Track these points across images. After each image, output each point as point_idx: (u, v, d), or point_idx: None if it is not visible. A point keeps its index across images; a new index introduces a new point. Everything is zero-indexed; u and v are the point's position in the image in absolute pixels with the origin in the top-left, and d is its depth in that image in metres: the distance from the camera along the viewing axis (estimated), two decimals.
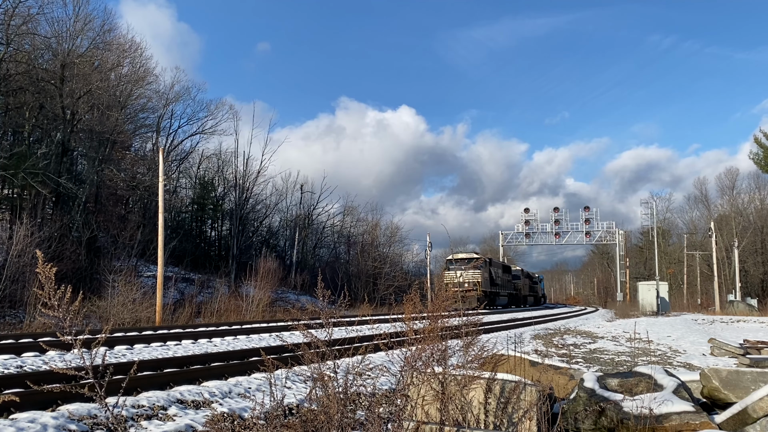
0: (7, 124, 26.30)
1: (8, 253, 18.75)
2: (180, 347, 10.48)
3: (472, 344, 4.61)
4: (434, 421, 4.12)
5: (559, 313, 40.05)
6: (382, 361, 4.59)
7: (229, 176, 41.81)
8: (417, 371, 4.13)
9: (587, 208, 62.17)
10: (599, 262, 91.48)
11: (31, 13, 24.73)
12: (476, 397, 4.37)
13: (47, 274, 2.69)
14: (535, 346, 12.31)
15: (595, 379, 5.18)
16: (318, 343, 3.78)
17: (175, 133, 40.07)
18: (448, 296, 4.29)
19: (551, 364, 7.93)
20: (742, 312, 41.41)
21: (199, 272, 34.31)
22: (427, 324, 4.32)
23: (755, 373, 5.12)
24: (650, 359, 10.64)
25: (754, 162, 56.18)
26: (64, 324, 2.72)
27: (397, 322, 4.42)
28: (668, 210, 74.44)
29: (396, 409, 3.89)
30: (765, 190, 64.03)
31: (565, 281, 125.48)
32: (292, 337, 10.26)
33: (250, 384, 6.73)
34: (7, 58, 24.12)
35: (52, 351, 4.09)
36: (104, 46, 29.98)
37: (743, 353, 10.92)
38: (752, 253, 60.90)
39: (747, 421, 4.41)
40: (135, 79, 32.75)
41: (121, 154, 33.21)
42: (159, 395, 5.71)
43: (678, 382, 4.96)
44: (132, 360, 8.26)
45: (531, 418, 4.24)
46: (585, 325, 23.64)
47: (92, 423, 4.77)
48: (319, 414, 3.64)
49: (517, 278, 51.80)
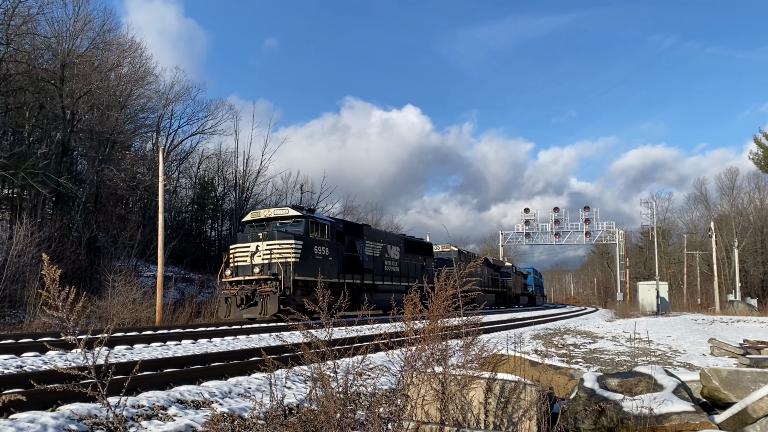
0: (7, 124, 26.31)
1: (8, 253, 18.77)
2: (180, 347, 10.47)
3: (472, 344, 4.61)
4: (434, 420, 4.13)
5: (559, 313, 40.04)
6: (382, 361, 4.59)
7: (229, 176, 41.86)
8: (417, 371, 4.14)
9: (587, 208, 62.24)
10: (599, 262, 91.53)
11: (31, 13, 24.75)
12: (476, 397, 4.38)
13: (52, 275, 2.69)
14: (535, 346, 12.31)
15: (595, 379, 5.18)
16: (318, 343, 3.79)
17: (175, 133, 40.13)
18: (447, 296, 4.29)
19: (551, 364, 7.94)
20: (742, 312, 41.42)
21: (199, 272, 34.33)
22: (427, 324, 4.32)
23: (755, 373, 5.12)
24: (650, 359, 10.65)
25: (754, 162, 56.28)
26: (68, 324, 2.73)
27: (397, 322, 4.43)
28: (668, 210, 74.54)
29: (396, 409, 3.89)
30: (765, 190, 64.09)
31: (565, 281, 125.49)
32: (292, 337, 10.26)
33: (250, 384, 6.73)
34: (7, 58, 24.12)
35: (53, 351, 4.11)
36: (104, 46, 30.00)
37: (743, 353, 10.92)
38: (752, 253, 60.93)
39: (747, 421, 4.41)
40: (135, 79, 32.77)
41: (121, 154, 33.22)
42: (159, 395, 5.71)
43: (678, 382, 4.96)
44: (132, 360, 8.27)
45: (531, 417, 4.25)
46: (585, 325, 23.64)
47: (92, 423, 4.77)
48: (319, 414, 3.64)
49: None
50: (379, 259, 24.83)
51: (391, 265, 25.93)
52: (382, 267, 24.90)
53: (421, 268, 27.98)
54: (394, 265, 26.13)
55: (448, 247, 36.72)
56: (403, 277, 26.27)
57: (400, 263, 26.70)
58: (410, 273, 26.82)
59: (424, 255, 29.70)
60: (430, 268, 28.56)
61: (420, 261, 28.76)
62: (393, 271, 25.87)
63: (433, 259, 30.69)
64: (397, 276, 26.06)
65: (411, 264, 27.61)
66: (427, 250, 30.64)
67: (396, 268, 26.21)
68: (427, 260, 29.56)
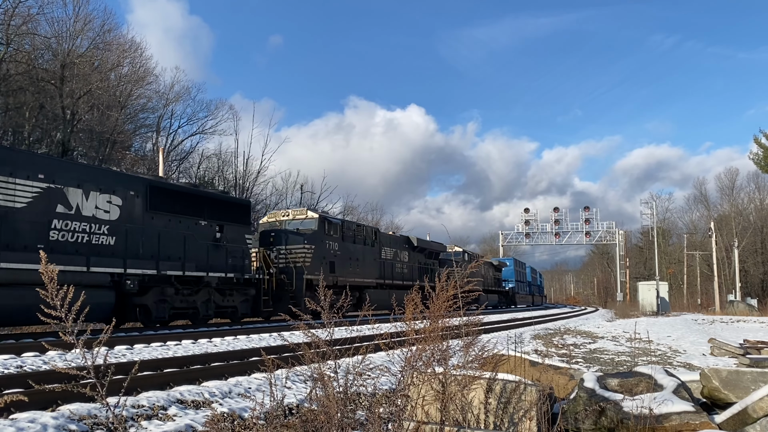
0: (7, 124, 26.30)
1: None
2: (180, 347, 10.48)
3: (472, 344, 4.61)
4: (434, 421, 4.12)
5: (559, 313, 40.04)
6: (383, 361, 4.59)
7: (229, 176, 41.85)
8: (417, 371, 4.13)
9: (587, 208, 62.28)
10: (599, 262, 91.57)
11: (31, 13, 24.79)
12: (477, 397, 4.37)
13: (50, 274, 2.69)
14: (535, 346, 12.31)
15: (595, 379, 5.18)
16: (319, 343, 3.78)
17: (175, 133, 40.13)
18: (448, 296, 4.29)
19: (551, 364, 7.94)
20: (742, 312, 41.41)
21: None
22: (428, 324, 4.32)
23: (755, 373, 5.12)
24: (650, 359, 10.65)
25: (754, 162, 56.27)
26: (67, 324, 2.73)
27: (397, 322, 4.42)
28: (668, 210, 74.57)
29: (396, 409, 3.89)
30: (765, 190, 64.10)
31: (565, 281, 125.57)
32: (293, 337, 10.26)
33: (250, 384, 6.73)
34: (7, 58, 24.13)
35: (53, 351, 4.11)
36: (104, 46, 30.03)
37: (743, 353, 10.91)
38: (752, 253, 60.95)
39: (747, 421, 4.41)
40: (135, 79, 32.78)
41: (121, 154, 33.21)
42: (159, 395, 5.71)
43: (678, 382, 4.96)
44: (132, 360, 8.26)
45: (531, 418, 4.24)
46: (585, 325, 23.63)
47: (92, 423, 4.77)
48: (319, 414, 3.64)
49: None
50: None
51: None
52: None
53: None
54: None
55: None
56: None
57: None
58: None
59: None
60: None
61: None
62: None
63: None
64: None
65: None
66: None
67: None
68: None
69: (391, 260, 25.87)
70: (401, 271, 26.56)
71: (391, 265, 25.51)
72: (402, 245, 27.57)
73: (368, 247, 23.99)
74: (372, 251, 24.23)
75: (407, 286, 24.18)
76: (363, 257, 23.40)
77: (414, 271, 27.37)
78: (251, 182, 40.81)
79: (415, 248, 28.58)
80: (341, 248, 22.03)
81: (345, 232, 22.58)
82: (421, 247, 29.02)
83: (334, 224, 22.16)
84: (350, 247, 22.62)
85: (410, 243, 28.43)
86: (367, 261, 23.63)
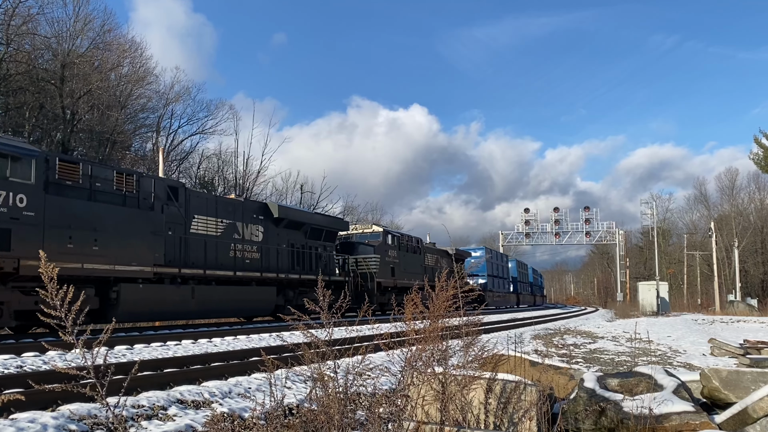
0: (7, 124, 26.29)
1: None
2: (180, 347, 10.48)
3: (472, 344, 4.61)
4: (434, 421, 4.12)
5: (559, 313, 40.04)
6: (383, 361, 4.59)
7: (230, 176, 41.82)
8: (417, 371, 4.14)
9: (587, 208, 62.27)
10: (599, 262, 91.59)
11: (31, 13, 24.80)
12: (476, 397, 4.37)
13: (50, 274, 2.69)
14: (535, 346, 12.31)
15: (595, 379, 5.18)
16: (318, 343, 3.78)
17: (175, 133, 40.06)
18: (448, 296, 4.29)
19: (551, 364, 7.93)
20: (742, 312, 41.42)
21: None
22: (428, 324, 4.32)
23: (755, 373, 5.12)
24: (650, 359, 10.65)
25: (755, 162, 56.20)
26: (67, 324, 2.73)
27: (397, 322, 4.43)
28: (668, 210, 74.59)
29: (396, 409, 3.89)
30: (765, 190, 64.12)
31: (566, 281, 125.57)
32: (293, 337, 10.25)
33: (250, 384, 6.73)
34: (7, 58, 24.13)
35: (53, 351, 4.10)
36: (104, 46, 30.02)
37: (743, 353, 10.91)
38: (752, 253, 60.97)
39: (747, 421, 4.41)
40: (135, 79, 32.76)
41: (121, 154, 33.20)
42: (159, 395, 5.71)
43: (678, 382, 4.96)
44: (132, 360, 8.26)
45: (531, 418, 4.24)
46: (585, 325, 23.64)
47: (92, 423, 4.77)
48: (320, 414, 3.64)
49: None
50: None
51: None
52: None
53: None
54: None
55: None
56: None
57: None
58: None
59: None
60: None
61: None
62: None
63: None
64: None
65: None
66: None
67: None
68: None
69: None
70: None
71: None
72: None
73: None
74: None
75: None
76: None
77: None
78: (251, 182, 40.82)
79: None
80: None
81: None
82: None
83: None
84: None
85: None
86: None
